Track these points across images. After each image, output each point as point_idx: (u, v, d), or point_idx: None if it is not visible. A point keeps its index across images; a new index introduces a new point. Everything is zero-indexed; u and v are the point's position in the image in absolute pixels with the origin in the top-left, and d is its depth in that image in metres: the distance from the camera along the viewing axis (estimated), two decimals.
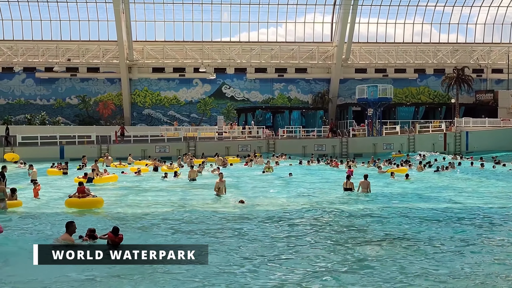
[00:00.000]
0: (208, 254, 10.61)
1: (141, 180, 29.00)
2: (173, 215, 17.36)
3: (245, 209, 18.58)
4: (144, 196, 22.44)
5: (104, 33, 60.22)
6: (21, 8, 58.72)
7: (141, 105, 60.88)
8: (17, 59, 58.13)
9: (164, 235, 14.19)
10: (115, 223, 15.47)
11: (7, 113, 58.74)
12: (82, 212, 17.87)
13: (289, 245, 12.96)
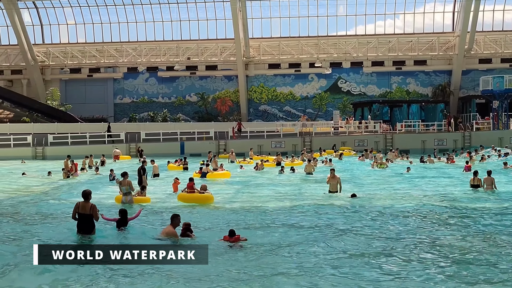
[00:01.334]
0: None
1: (257, 175, 29.24)
2: (284, 210, 17.25)
3: (357, 203, 18.08)
4: (259, 191, 22.59)
5: (221, 32, 61.80)
6: (145, 10, 61.60)
7: (258, 101, 61.67)
8: (141, 59, 61.07)
9: (273, 231, 14.10)
10: (224, 219, 15.78)
11: (132, 111, 62.03)
12: (193, 207, 18.28)
13: (407, 244, 12.41)
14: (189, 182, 19.73)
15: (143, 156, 37.59)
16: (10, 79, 63.57)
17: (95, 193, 16.42)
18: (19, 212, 17.32)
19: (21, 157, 42.54)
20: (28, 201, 20.12)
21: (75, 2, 62.00)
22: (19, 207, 18.38)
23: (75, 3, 62.12)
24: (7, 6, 58.42)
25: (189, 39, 62.11)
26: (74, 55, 62.46)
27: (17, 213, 17.14)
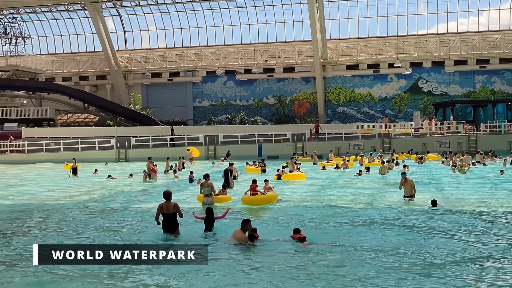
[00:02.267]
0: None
1: (333, 177, 28.93)
2: (354, 213, 16.88)
3: (436, 210, 17.21)
4: (333, 192, 22.33)
5: (299, 34, 61.74)
6: (223, 15, 62.47)
7: (335, 102, 61.08)
8: (219, 62, 61.96)
9: (339, 234, 13.83)
10: (290, 219, 15.68)
11: (210, 114, 63.00)
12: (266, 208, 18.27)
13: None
14: (252, 184, 19.84)
15: (229, 157, 38.06)
16: (95, 84, 66.15)
17: (175, 194, 16.73)
18: (105, 213, 17.88)
19: (105, 159, 44.07)
20: (112, 202, 20.72)
21: (156, 9, 63.78)
22: (105, 209, 18.95)
23: (156, 10, 63.91)
24: (92, 15, 60.82)
25: (266, 42, 62.43)
26: (155, 60, 64.21)
27: (103, 214, 17.71)
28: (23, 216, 17.13)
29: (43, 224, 15.63)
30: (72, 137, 50.21)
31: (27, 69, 62.86)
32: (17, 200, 21.41)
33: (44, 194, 23.55)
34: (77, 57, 66.63)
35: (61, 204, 20.00)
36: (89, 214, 17.50)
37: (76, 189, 25.18)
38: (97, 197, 22.31)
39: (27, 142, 49.37)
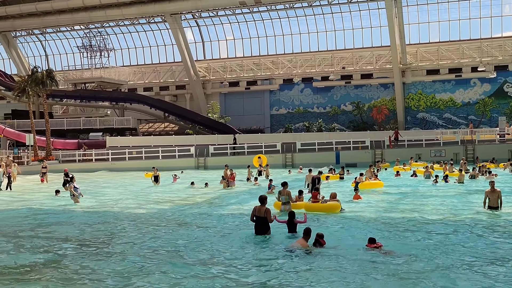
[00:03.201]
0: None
1: (411, 184, 28.15)
2: (432, 223, 16.25)
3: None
4: (410, 200, 21.71)
5: (377, 39, 60.74)
6: (300, 22, 62.42)
7: (415, 108, 59.56)
8: (296, 70, 61.94)
9: (415, 243, 13.38)
10: (362, 228, 15.33)
11: (287, 121, 63.02)
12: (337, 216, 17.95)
13: None
14: (314, 191, 19.66)
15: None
16: (175, 94, 67.74)
17: (251, 201, 16.80)
18: (191, 219, 18.21)
19: (185, 167, 44.93)
20: (196, 208, 21.04)
21: (233, 19, 64.64)
22: (191, 215, 19.29)
23: (233, 20, 64.77)
24: (172, 27, 62.40)
25: (344, 48, 61.87)
26: (233, 69, 65.04)
27: (190, 220, 18.04)
28: (111, 223, 17.65)
29: (133, 231, 16.03)
30: (153, 146, 51.60)
31: (110, 80, 65.32)
32: (104, 208, 22.08)
33: (131, 201, 24.16)
34: (157, 68, 68.56)
35: (148, 211, 20.58)
36: (174, 220, 17.88)
37: (161, 196, 25.74)
38: (181, 204, 22.73)
39: (111, 151, 51.13)
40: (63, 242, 14.30)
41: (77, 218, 18.92)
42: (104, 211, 20.96)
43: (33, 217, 19.51)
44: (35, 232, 16.14)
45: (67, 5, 63.94)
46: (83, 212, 20.68)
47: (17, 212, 21.30)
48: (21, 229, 16.68)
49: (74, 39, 72.50)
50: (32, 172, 43.39)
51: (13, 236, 15.51)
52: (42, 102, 53.09)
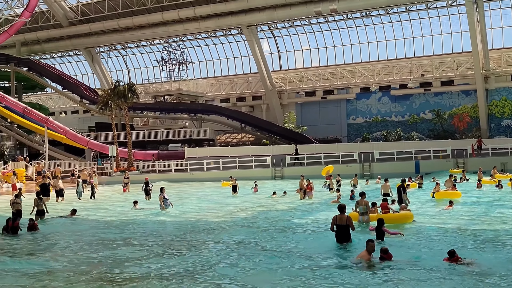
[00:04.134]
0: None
1: (494, 196, 26.91)
2: None
3: None
4: (488, 212, 20.76)
5: (457, 45, 58.91)
6: (376, 30, 61.54)
7: (499, 115, 57.16)
8: (373, 78, 61.00)
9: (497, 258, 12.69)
10: (438, 240, 14.76)
11: (365, 130, 62.09)
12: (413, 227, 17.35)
13: None
14: (383, 202, 19.21)
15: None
16: (251, 104, 68.28)
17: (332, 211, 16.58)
18: (272, 228, 18.29)
19: (262, 177, 45.01)
20: (276, 218, 21.03)
21: (309, 29, 64.59)
22: (271, 224, 19.35)
23: (309, 30, 64.71)
24: (248, 38, 63.08)
25: (422, 55, 60.42)
26: (309, 79, 64.88)
27: (271, 229, 18.12)
28: (193, 232, 17.88)
29: (212, 240, 16.19)
30: (230, 156, 52.06)
31: (189, 92, 66.74)
32: (184, 217, 22.42)
33: (210, 210, 24.42)
34: (234, 79, 69.42)
35: (228, 220, 20.81)
36: (256, 229, 18.03)
37: (239, 206, 25.90)
38: (260, 213, 22.84)
39: (189, 162, 52.06)
40: (147, 251, 14.58)
41: (159, 227, 19.31)
42: (185, 220, 21.29)
43: (115, 226, 20.10)
44: (118, 240, 16.59)
45: (147, 20, 66.10)
46: (165, 221, 21.08)
47: (99, 221, 21.99)
48: (104, 238, 17.20)
49: (153, 53, 74.72)
50: (114, 182, 44.82)
51: (99, 243, 16.01)
52: (124, 115, 54.83)
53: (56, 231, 18.91)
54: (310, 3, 57.94)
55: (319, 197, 29.29)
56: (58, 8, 70.50)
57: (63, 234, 18.25)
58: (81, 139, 57.94)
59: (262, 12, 60.45)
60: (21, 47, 73.98)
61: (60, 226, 20.25)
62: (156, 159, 54.25)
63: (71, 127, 61.10)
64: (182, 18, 64.42)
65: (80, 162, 54.01)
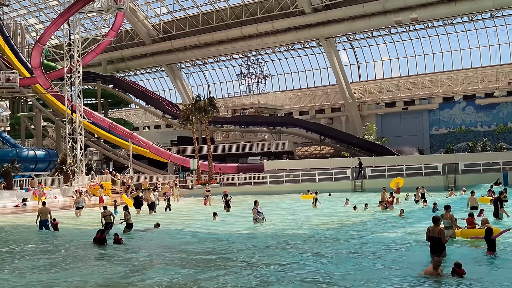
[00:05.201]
0: None
1: None
2: None
3: None
4: None
5: None
6: (459, 38, 59.76)
7: None
8: (457, 88, 59.12)
9: None
10: None
11: (448, 141, 60.17)
12: None
13: None
14: (469, 217, 18.38)
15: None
16: (330, 117, 67.82)
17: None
18: (353, 241, 18.07)
19: (341, 190, 44.45)
20: (359, 231, 20.76)
21: (389, 39, 63.61)
22: (353, 237, 19.13)
23: (389, 40, 63.70)
24: (327, 50, 62.87)
25: (510, 62, 57.98)
26: (389, 89, 63.75)
27: (359, 241, 17.93)
28: (273, 247, 17.77)
29: (294, 254, 16.08)
30: (309, 169, 51.78)
31: (267, 105, 67.17)
32: (264, 230, 22.41)
33: (290, 223, 24.31)
34: (313, 92, 69.26)
35: (309, 232, 20.66)
36: (337, 242, 17.86)
37: (321, 219, 25.65)
38: (342, 226, 22.59)
39: (269, 174, 52.20)
40: (230, 264, 14.66)
41: (239, 240, 19.38)
42: (265, 233, 21.28)
43: (196, 237, 20.36)
44: (200, 252, 16.79)
45: (226, 36, 67.31)
46: (244, 234, 21.12)
47: (181, 232, 22.34)
48: (186, 249, 17.47)
49: (233, 68, 75.87)
50: (196, 195, 45.58)
51: (180, 253, 16.28)
52: (204, 129, 55.79)
53: (140, 244, 19.28)
54: (389, 12, 57.11)
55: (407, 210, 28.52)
56: (142, 26, 73.09)
57: (148, 247, 18.58)
58: (163, 153, 59.44)
59: (341, 23, 60.12)
60: (107, 65, 77.20)
61: (144, 239, 20.63)
62: (223, 172, 54.56)
63: (154, 141, 62.80)
64: (261, 32, 65.13)
65: (163, 175, 55.37)
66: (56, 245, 19.71)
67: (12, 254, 17.77)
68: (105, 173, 53.68)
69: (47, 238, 21.85)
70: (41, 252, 18.11)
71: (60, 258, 16.57)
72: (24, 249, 18.86)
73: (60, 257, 16.87)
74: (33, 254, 17.60)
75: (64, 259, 16.47)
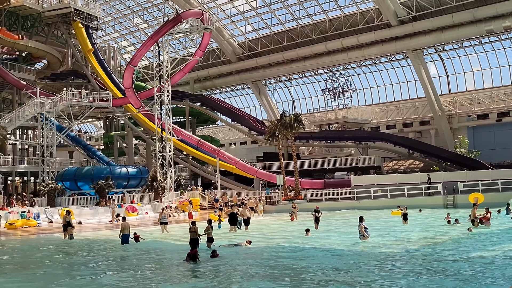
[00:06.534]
0: None
1: None
2: None
3: None
4: None
5: None
6: None
7: None
8: None
9: None
10: None
11: None
12: None
13: None
14: None
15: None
16: (419, 130, 66.08)
17: None
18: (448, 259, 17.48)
19: (432, 205, 43.09)
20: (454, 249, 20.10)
21: (480, 49, 61.45)
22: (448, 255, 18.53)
23: (480, 50, 61.57)
24: (414, 62, 61.51)
25: None
26: (481, 101, 61.47)
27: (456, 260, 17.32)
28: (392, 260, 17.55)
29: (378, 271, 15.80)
30: (398, 184, 50.56)
31: (353, 120, 66.41)
32: (351, 247, 22.08)
33: (379, 239, 23.84)
34: (400, 105, 67.86)
35: (400, 250, 20.22)
36: (429, 261, 17.32)
37: (412, 235, 25.02)
38: (434, 244, 21.93)
39: (356, 190, 51.41)
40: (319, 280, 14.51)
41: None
42: (351, 250, 20.94)
43: (286, 253, 20.29)
44: (291, 268, 16.74)
45: (311, 51, 67.45)
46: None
47: (271, 248, 22.35)
48: (277, 264, 17.46)
49: (318, 83, 75.72)
50: (282, 211, 45.62)
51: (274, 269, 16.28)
52: (290, 144, 55.85)
53: (233, 259, 19.39)
54: (480, 22, 55.22)
55: (496, 226, 27.26)
56: (228, 45, 74.53)
57: (240, 263, 18.64)
58: (250, 169, 59.97)
59: (428, 35, 58.75)
60: (194, 83, 79.21)
61: (236, 255, 20.74)
62: (309, 188, 54.17)
63: (240, 158, 63.51)
64: (346, 47, 64.77)
65: (249, 191, 55.83)
66: (150, 260, 20.25)
67: (118, 265, 18.47)
68: (192, 189, 54.83)
69: (138, 251, 22.47)
70: (130, 264, 18.68)
71: (159, 272, 17.07)
72: (116, 261, 19.56)
73: (157, 270, 17.38)
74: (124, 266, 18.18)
75: (158, 272, 16.93)
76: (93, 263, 19.62)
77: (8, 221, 37.63)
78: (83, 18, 63.66)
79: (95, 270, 17.99)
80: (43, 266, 19.27)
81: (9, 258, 22.24)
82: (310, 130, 69.51)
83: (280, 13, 69.53)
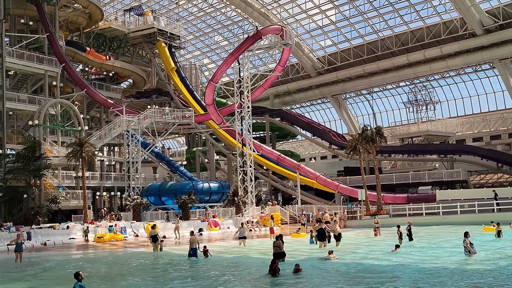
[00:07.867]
0: None
1: None
2: None
3: None
4: None
5: None
6: None
7: None
8: None
9: None
10: None
11: None
12: None
13: None
14: None
15: None
16: (508, 142, 63.39)
17: None
18: None
19: None
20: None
21: None
22: None
23: None
24: (502, 72, 59.38)
25: None
26: None
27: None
28: None
29: None
30: (486, 199, 48.54)
31: (437, 133, 64.56)
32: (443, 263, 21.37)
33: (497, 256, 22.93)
34: (487, 116, 65.45)
35: (490, 267, 19.37)
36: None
37: (503, 252, 23.92)
38: None
39: (441, 205, 49.80)
40: None
41: (416, 272, 18.63)
42: (441, 267, 20.23)
43: (370, 271, 19.87)
44: None
45: (392, 63, 66.41)
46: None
47: (349, 264, 21.95)
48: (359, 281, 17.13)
49: (399, 95, 74.28)
50: (365, 226, 44.76)
51: None
52: (372, 158, 54.90)
53: (320, 274, 19.17)
54: None
55: None
56: (307, 60, 74.60)
57: (320, 276, 18.43)
58: (330, 183, 59.41)
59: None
60: (274, 99, 79.70)
61: (323, 269, 20.48)
62: (392, 203, 52.93)
63: (321, 172, 63.08)
64: (428, 58, 63.32)
65: (330, 206, 55.28)
66: (229, 273, 20.39)
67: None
68: (273, 204, 54.87)
69: (217, 263, 22.66)
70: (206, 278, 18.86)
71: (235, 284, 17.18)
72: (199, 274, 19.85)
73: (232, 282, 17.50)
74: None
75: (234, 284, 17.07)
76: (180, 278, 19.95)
77: (96, 235, 39.09)
78: (166, 37, 65.71)
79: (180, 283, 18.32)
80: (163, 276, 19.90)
81: (107, 268, 23.10)
82: (392, 143, 68.13)
83: (360, 26, 68.96)
